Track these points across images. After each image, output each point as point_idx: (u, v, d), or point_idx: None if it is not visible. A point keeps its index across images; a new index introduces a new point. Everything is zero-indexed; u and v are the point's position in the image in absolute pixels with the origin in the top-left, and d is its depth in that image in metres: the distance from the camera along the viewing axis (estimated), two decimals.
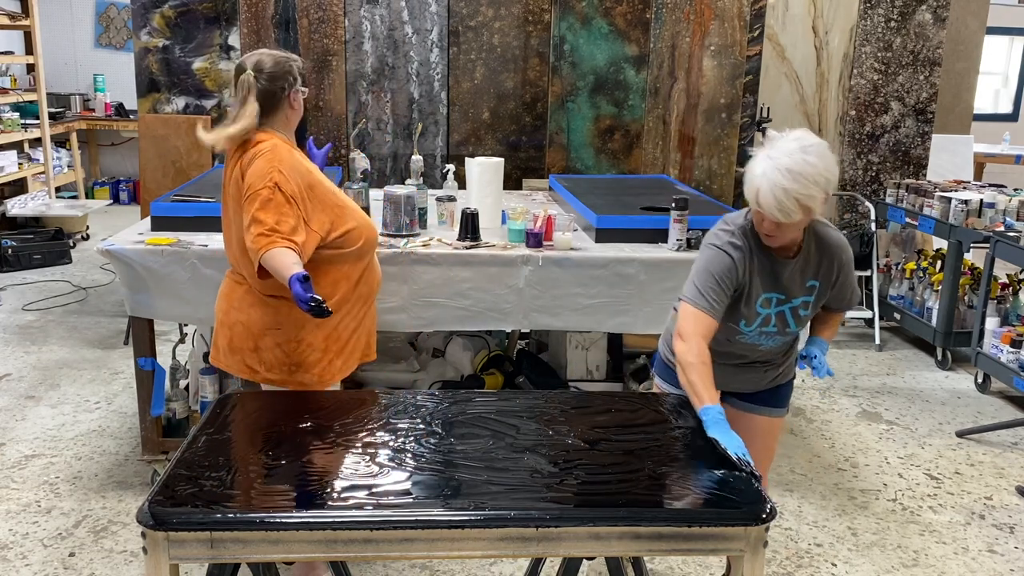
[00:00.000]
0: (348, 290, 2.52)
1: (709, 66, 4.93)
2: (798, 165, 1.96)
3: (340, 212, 2.48)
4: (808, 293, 2.22)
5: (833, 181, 2.02)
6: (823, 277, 2.21)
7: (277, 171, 2.34)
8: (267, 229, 2.28)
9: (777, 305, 2.21)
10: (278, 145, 2.40)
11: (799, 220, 2.02)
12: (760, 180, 1.99)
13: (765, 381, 2.41)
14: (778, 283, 2.19)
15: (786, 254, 2.18)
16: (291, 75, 2.45)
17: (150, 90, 4.86)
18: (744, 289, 2.18)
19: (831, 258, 2.20)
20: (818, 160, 1.97)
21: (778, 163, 1.97)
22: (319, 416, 2.04)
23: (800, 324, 2.27)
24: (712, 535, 1.67)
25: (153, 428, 3.27)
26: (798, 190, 1.95)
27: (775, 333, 2.25)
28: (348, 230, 2.47)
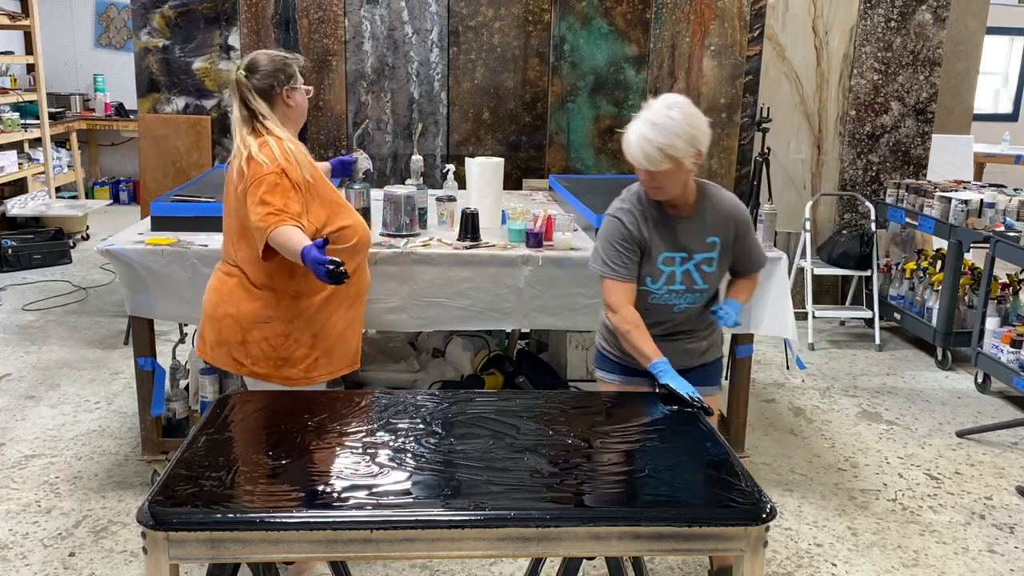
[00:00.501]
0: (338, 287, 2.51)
1: (709, 66, 4.93)
2: (660, 119, 2.20)
3: (337, 209, 2.52)
4: (709, 249, 2.38)
5: (700, 138, 2.22)
6: (722, 234, 2.38)
7: (284, 158, 2.40)
8: (276, 209, 2.34)
9: (681, 264, 2.37)
10: (284, 139, 2.46)
11: (668, 169, 2.22)
12: (630, 134, 2.24)
13: (692, 357, 2.50)
14: (678, 241, 2.36)
15: (681, 212, 2.36)
16: (283, 72, 2.47)
17: (150, 90, 4.86)
18: (645, 247, 2.36)
19: (726, 215, 2.39)
20: (680, 116, 2.20)
21: (644, 118, 2.22)
22: (319, 416, 2.04)
23: (707, 280, 2.40)
24: (712, 535, 1.67)
25: (153, 428, 3.27)
26: (659, 139, 2.18)
27: (684, 291, 2.39)
28: (343, 226, 2.51)
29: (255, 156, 2.40)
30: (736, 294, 2.50)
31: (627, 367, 2.50)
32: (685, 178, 2.28)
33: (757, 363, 4.75)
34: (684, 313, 2.42)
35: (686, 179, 2.29)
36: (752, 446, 3.76)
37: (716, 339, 2.56)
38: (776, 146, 5.37)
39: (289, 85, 2.49)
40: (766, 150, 4.83)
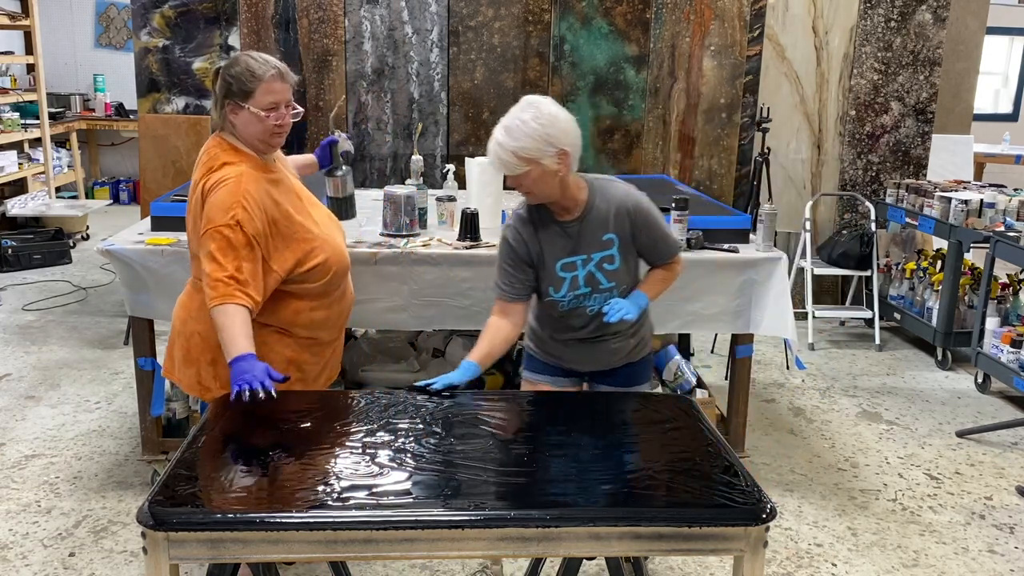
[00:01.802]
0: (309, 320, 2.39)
1: (709, 66, 4.93)
2: (511, 122, 2.17)
3: (308, 247, 2.32)
4: (607, 247, 2.33)
5: (558, 136, 2.16)
6: (617, 229, 2.32)
7: (241, 206, 2.18)
8: (226, 276, 2.15)
9: (583, 266, 2.33)
10: (244, 174, 2.23)
11: (529, 172, 2.17)
12: (489, 142, 2.21)
13: (619, 357, 2.48)
14: (573, 246, 2.32)
15: (571, 215, 2.31)
16: (237, 84, 2.23)
17: (150, 90, 4.86)
18: (537, 260, 2.34)
19: (618, 210, 2.32)
20: (531, 117, 2.15)
21: (500, 123, 2.19)
22: (319, 416, 2.04)
23: (612, 278, 2.34)
24: (712, 535, 1.67)
25: (153, 428, 3.27)
26: (510, 143, 2.14)
27: (591, 293, 2.34)
28: (315, 265, 2.33)
29: (210, 195, 2.20)
30: (644, 286, 2.42)
31: (555, 367, 2.51)
32: (557, 180, 2.21)
33: (757, 363, 4.75)
34: (598, 316, 2.37)
35: (561, 180, 2.22)
36: (752, 446, 3.76)
37: (644, 335, 2.53)
38: (776, 146, 5.37)
39: (234, 101, 2.24)
40: (766, 150, 4.83)
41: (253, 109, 2.23)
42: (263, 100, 2.23)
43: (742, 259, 3.24)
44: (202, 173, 2.28)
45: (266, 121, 2.24)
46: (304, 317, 2.39)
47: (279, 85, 2.25)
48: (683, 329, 3.36)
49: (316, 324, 2.41)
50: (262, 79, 2.22)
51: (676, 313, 3.26)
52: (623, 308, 2.29)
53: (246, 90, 2.22)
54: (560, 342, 2.47)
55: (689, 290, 3.22)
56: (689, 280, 3.21)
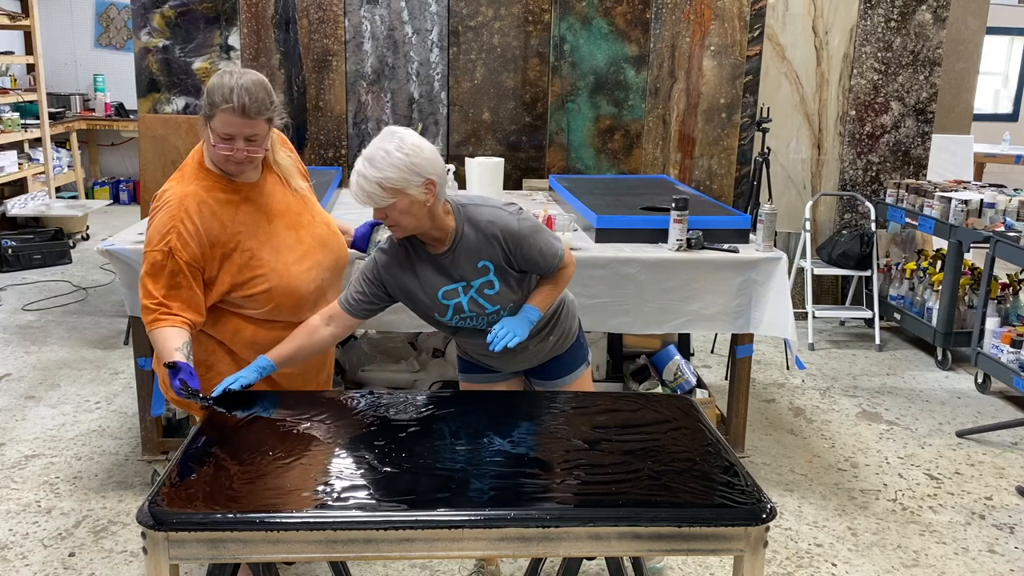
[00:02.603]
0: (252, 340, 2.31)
1: (709, 66, 4.93)
2: (374, 153, 2.09)
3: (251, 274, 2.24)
4: (483, 274, 2.27)
5: (423, 166, 2.09)
6: (489, 255, 2.26)
7: (176, 232, 2.14)
8: (155, 303, 2.14)
9: (464, 292, 2.27)
10: (188, 195, 2.18)
11: (396, 204, 2.11)
12: (352, 175, 2.13)
13: (541, 355, 2.48)
14: (450, 274, 2.26)
15: (442, 247, 2.25)
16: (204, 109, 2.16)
17: (150, 90, 4.86)
18: (404, 291, 2.28)
19: (487, 235, 2.24)
20: (395, 148, 2.08)
21: (362, 154, 2.12)
22: (319, 416, 2.04)
23: (495, 302, 2.28)
24: (712, 535, 1.67)
25: (153, 428, 3.27)
26: (374, 174, 2.07)
27: (477, 316, 2.30)
28: (254, 293, 2.25)
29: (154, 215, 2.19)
30: (534, 298, 2.33)
31: (486, 367, 2.51)
32: (426, 210, 2.14)
33: (757, 363, 4.75)
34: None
35: (429, 210, 2.15)
36: (752, 446, 3.76)
37: (563, 329, 2.49)
38: (776, 146, 5.37)
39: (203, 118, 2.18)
40: (766, 150, 4.83)
41: (209, 132, 2.16)
42: (218, 128, 2.14)
43: (742, 259, 3.24)
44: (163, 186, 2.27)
45: (214, 149, 2.17)
46: (245, 336, 2.31)
47: (236, 119, 2.12)
48: (683, 329, 3.36)
49: (262, 346, 2.28)
50: (218, 107, 2.12)
51: (676, 313, 3.26)
52: (508, 332, 2.22)
53: (207, 112, 2.15)
54: (478, 351, 2.45)
55: (689, 290, 3.22)
56: (689, 280, 3.22)
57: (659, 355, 3.85)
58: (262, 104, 2.14)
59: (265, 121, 2.17)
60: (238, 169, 2.23)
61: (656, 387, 3.69)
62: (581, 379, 2.57)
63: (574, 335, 2.55)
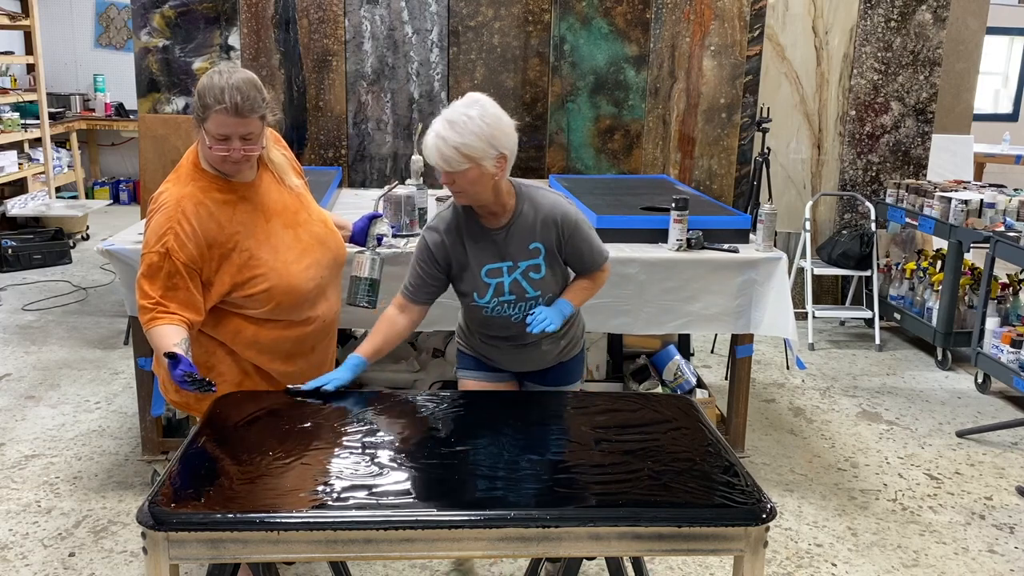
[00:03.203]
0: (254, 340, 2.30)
1: (709, 66, 4.93)
2: (456, 117, 2.10)
3: (250, 273, 2.23)
4: (533, 256, 2.29)
5: (500, 139, 2.12)
6: (543, 239, 2.28)
7: (174, 233, 2.14)
8: (151, 303, 2.13)
9: (508, 273, 2.28)
10: (185, 197, 2.18)
11: (468, 171, 2.12)
12: (428, 134, 2.13)
13: (550, 357, 2.47)
14: (499, 252, 2.27)
15: (497, 223, 2.27)
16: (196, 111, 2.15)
17: (150, 90, 4.86)
18: (458, 263, 2.29)
19: (546, 220, 2.28)
20: (478, 115, 2.10)
21: (443, 116, 2.12)
22: (319, 416, 2.04)
23: (538, 287, 2.30)
24: (712, 535, 1.67)
25: (153, 428, 3.28)
26: (455, 138, 2.08)
27: (516, 301, 2.30)
28: (255, 293, 2.24)
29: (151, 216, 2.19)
30: (569, 294, 2.37)
31: (487, 365, 2.50)
32: (492, 183, 2.17)
33: (757, 363, 4.75)
34: (524, 322, 2.29)
35: (495, 184, 2.18)
36: (752, 446, 3.76)
37: (574, 335, 2.51)
38: (776, 146, 5.37)
39: (196, 119, 2.17)
40: (766, 150, 4.83)
41: (203, 134, 2.15)
42: (212, 129, 2.12)
43: (742, 259, 3.24)
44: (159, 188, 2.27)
45: (210, 151, 2.16)
46: (246, 336, 2.30)
47: (230, 119, 2.10)
48: (683, 329, 3.36)
49: (263, 346, 2.30)
50: (211, 109, 2.10)
51: (676, 313, 3.26)
52: (546, 319, 2.24)
53: (200, 114, 2.14)
54: (489, 344, 2.44)
55: (689, 290, 3.22)
56: (689, 280, 3.22)
57: (659, 355, 3.85)
58: (254, 102, 2.13)
59: (259, 118, 2.16)
60: (235, 169, 2.23)
61: (656, 387, 3.69)
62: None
63: (581, 345, 2.56)
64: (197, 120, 2.16)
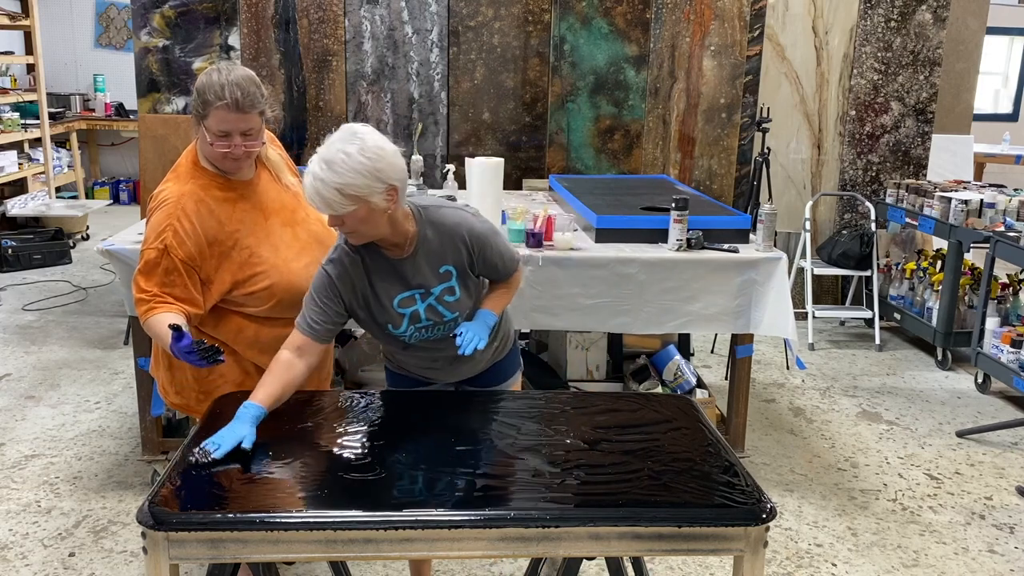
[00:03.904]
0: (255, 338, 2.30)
1: (709, 66, 4.93)
2: (333, 155, 1.92)
3: (251, 271, 2.23)
4: (445, 279, 2.16)
5: (386, 171, 1.95)
6: (454, 260, 2.16)
7: (172, 230, 2.14)
8: (149, 295, 2.14)
9: (422, 300, 2.15)
10: (185, 194, 2.19)
11: (356, 212, 1.96)
12: (305, 176, 1.96)
13: (483, 362, 2.36)
14: (408, 282, 2.14)
15: (401, 252, 2.12)
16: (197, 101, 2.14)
17: (150, 90, 4.86)
18: (364, 297, 2.14)
19: (452, 239, 2.15)
20: (357, 151, 1.92)
21: (319, 155, 1.94)
22: (319, 416, 2.04)
23: (455, 309, 2.19)
24: (712, 535, 1.67)
25: (153, 428, 3.28)
26: (334, 179, 1.91)
27: (433, 325, 2.18)
28: (256, 290, 2.24)
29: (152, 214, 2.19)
30: (489, 302, 2.27)
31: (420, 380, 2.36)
32: (386, 217, 2.01)
33: (757, 363, 4.75)
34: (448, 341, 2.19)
35: (389, 217, 2.01)
36: (752, 446, 3.76)
37: (504, 333, 2.40)
38: (776, 146, 5.37)
39: (195, 117, 2.17)
40: (766, 150, 4.83)
41: (204, 131, 2.15)
42: (213, 126, 2.12)
43: (742, 259, 3.24)
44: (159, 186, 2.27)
45: (211, 148, 2.16)
46: (247, 335, 2.30)
47: (231, 115, 2.11)
48: (683, 329, 3.36)
49: (264, 345, 2.29)
50: (212, 105, 2.10)
51: (676, 313, 3.26)
52: (474, 337, 2.13)
53: (199, 112, 2.14)
54: (420, 364, 2.31)
55: (689, 290, 3.22)
56: (689, 280, 3.22)
57: (659, 355, 3.85)
58: (254, 97, 2.14)
59: (258, 114, 2.17)
60: (235, 166, 2.23)
61: (656, 387, 3.69)
62: (515, 386, 2.48)
63: (512, 340, 2.46)
64: (197, 118, 2.16)
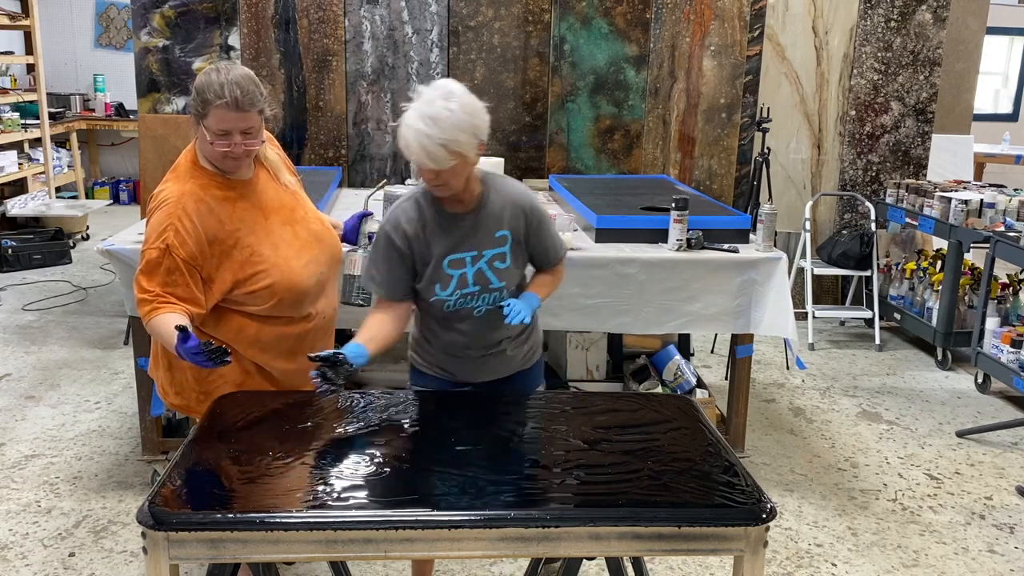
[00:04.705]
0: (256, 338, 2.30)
1: (709, 66, 4.93)
2: (438, 112, 2.01)
3: (252, 270, 2.23)
4: (500, 244, 2.22)
5: (481, 127, 2.07)
6: (511, 226, 2.23)
7: (173, 229, 2.14)
8: (151, 295, 2.13)
9: (472, 263, 2.20)
10: (185, 194, 2.18)
11: (454, 166, 2.05)
12: (406, 130, 2.03)
13: (513, 364, 2.37)
14: (464, 240, 2.20)
15: (464, 207, 2.19)
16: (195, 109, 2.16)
17: (150, 90, 4.86)
18: (421, 257, 2.20)
19: (514, 207, 2.23)
20: (459, 107, 2.02)
21: (420, 112, 2.02)
22: (319, 416, 2.04)
23: (503, 278, 2.23)
24: (712, 535, 1.67)
25: (153, 428, 3.28)
26: (440, 135, 2.00)
27: (480, 292, 2.21)
28: (257, 289, 2.23)
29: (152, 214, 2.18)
30: (536, 287, 2.32)
31: (444, 380, 2.36)
32: (469, 171, 2.13)
33: (757, 363, 4.75)
34: (488, 316, 2.24)
35: (470, 172, 2.14)
36: (752, 446, 3.76)
37: (536, 340, 2.43)
38: (776, 146, 5.37)
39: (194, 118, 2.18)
40: (766, 150, 4.83)
41: (204, 131, 2.16)
42: (213, 125, 2.13)
43: (742, 259, 3.24)
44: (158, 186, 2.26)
45: (211, 147, 2.16)
46: (248, 334, 2.29)
47: (231, 114, 2.11)
48: (683, 329, 3.36)
49: (265, 344, 2.30)
50: (211, 104, 2.11)
51: (676, 313, 3.26)
52: (521, 311, 2.16)
53: (199, 111, 2.15)
54: (451, 355, 2.31)
55: (689, 290, 3.22)
56: (689, 280, 3.22)
57: (659, 355, 3.85)
58: (253, 96, 2.15)
59: (258, 112, 2.18)
60: (235, 165, 2.23)
61: (656, 387, 3.69)
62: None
63: (540, 350, 2.48)
64: (196, 117, 2.16)
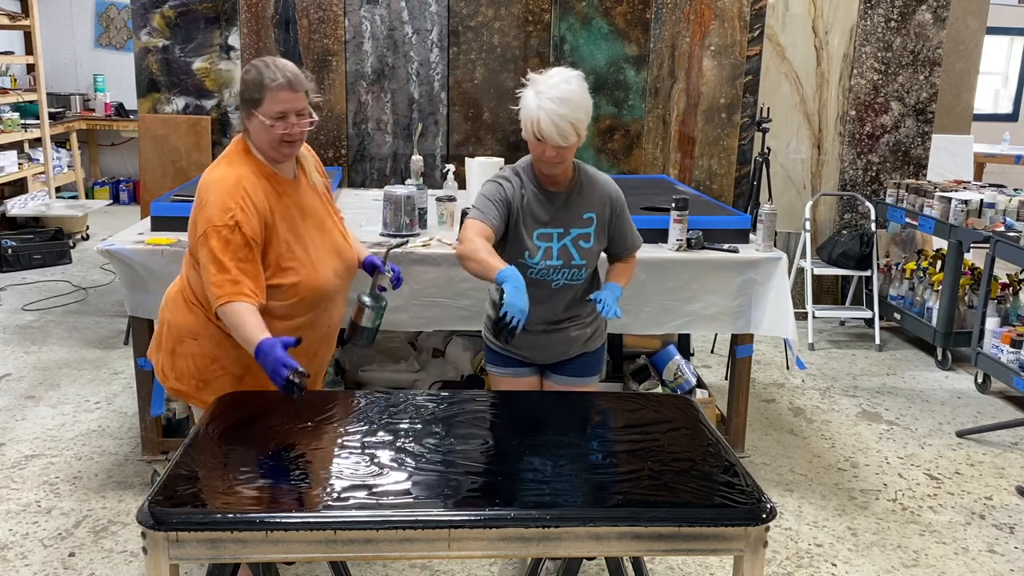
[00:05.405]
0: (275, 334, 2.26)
1: (709, 66, 4.93)
2: (566, 93, 2.27)
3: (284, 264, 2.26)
4: (586, 225, 2.43)
5: (591, 109, 2.35)
6: (598, 211, 2.44)
7: (240, 207, 2.16)
8: (228, 278, 2.13)
9: (558, 239, 2.41)
10: (244, 177, 2.21)
11: (573, 143, 2.30)
12: (537, 112, 2.28)
13: (576, 345, 2.55)
14: (554, 216, 2.41)
15: (559, 187, 2.42)
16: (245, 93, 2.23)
17: (150, 90, 4.86)
18: (517, 216, 2.40)
19: (602, 193, 2.46)
20: (579, 89, 2.31)
21: (550, 95, 2.27)
22: (319, 416, 2.04)
23: (584, 256, 2.43)
24: (712, 535, 1.67)
25: (153, 428, 3.27)
26: (571, 115, 2.26)
27: (561, 266, 2.41)
28: (283, 284, 2.25)
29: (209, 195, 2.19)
30: (615, 277, 2.52)
31: (515, 360, 2.56)
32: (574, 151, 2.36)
33: (757, 363, 4.75)
34: (563, 292, 2.45)
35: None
36: (752, 446, 3.76)
37: (600, 326, 2.60)
38: (776, 146, 5.37)
39: (246, 110, 2.24)
40: (766, 150, 4.83)
41: (261, 117, 2.21)
42: (270, 109, 2.20)
43: (742, 259, 3.24)
44: (207, 171, 2.29)
45: (272, 130, 2.21)
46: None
47: (287, 94, 2.20)
48: (683, 329, 3.36)
49: None
50: (268, 88, 2.19)
51: (676, 313, 3.26)
52: (611, 305, 2.34)
53: (255, 98, 2.21)
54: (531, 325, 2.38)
55: (689, 290, 3.22)
56: (689, 280, 3.22)
57: (659, 355, 3.85)
58: (302, 77, 2.27)
59: (306, 94, 2.28)
60: (291, 151, 2.30)
61: (656, 387, 3.69)
62: (592, 387, 2.63)
63: (603, 337, 2.63)
64: (249, 108, 2.23)
